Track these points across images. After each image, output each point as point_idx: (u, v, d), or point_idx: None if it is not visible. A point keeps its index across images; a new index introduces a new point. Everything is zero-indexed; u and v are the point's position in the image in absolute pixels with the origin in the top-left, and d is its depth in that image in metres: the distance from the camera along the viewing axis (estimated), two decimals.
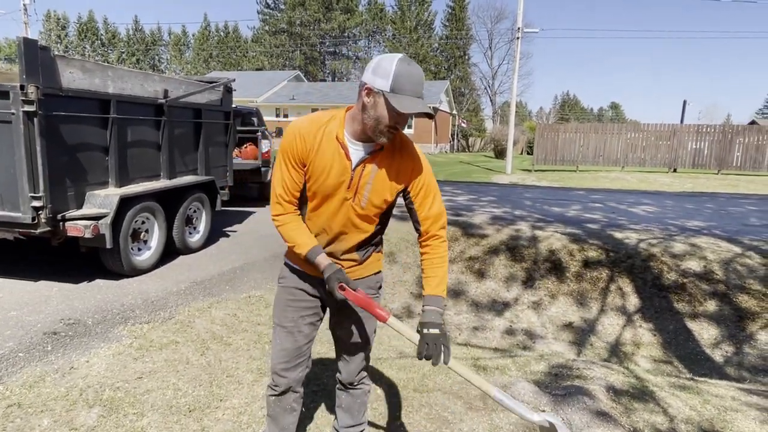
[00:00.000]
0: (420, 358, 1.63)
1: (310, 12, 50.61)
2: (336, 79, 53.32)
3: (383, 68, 1.53)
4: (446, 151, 34.31)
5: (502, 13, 60.92)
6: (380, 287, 2.02)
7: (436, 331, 1.65)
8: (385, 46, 52.98)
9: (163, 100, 4.97)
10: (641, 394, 3.03)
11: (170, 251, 5.24)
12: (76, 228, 3.91)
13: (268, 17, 53.74)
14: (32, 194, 3.68)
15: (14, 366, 2.98)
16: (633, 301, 6.03)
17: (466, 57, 49.42)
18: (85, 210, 4.10)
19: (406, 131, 29.52)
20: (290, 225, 1.75)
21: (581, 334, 5.71)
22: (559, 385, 3.10)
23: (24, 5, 23.98)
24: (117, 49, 57.35)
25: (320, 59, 55.02)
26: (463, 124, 40.46)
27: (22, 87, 3.47)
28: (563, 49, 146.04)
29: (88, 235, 3.93)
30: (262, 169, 8.75)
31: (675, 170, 18.84)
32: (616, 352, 5.39)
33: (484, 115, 51.30)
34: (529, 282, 6.60)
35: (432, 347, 1.61)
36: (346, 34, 53.86)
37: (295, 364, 1.91)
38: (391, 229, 7.51)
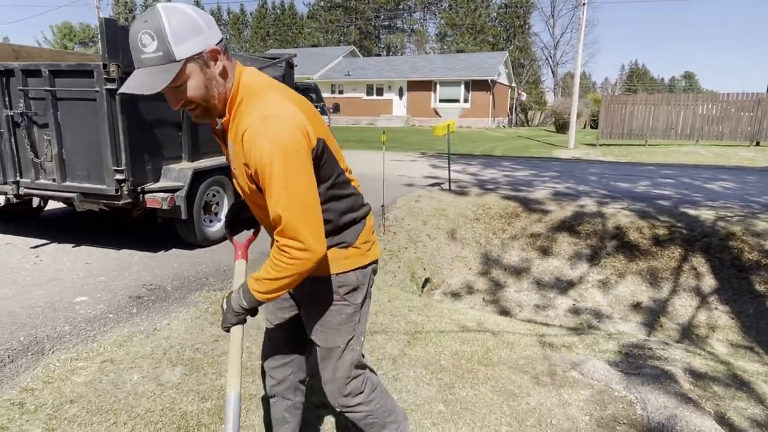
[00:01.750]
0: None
1: None
2: (391, 53, 52.75)
3: None
4: (504, 126, 33.32)
5: None
6: (348, 292, 1.56)
7: (223, 305, 1.46)
8: (441, 17, 51.65)
9: None
10: (727, 379, 2.87)
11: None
12: (155, 200, 4.15)
13: None
14: (115, 167, 3.92)
15: (105, 326, 3.23)
16: (708, 282, 5.69)
17: (527, 26, 47.30)
18: (162, 183, 4.33)
19: (462, 105, 28.88)
20: None
21: (651, 315, 5.47)
22: (631, 364, 3.00)
23: None
24: None
25: (375, 33, 54.50)
26: (522, 97, 39.04)
27: (104, 66, 3.67)
28: (632, 14, 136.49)
29: (165, 207, 4.16)
30: None
31: (758, 143, 17.36)
32: (689, 335, 5.13)
33: (544, 87, 49.19)
34: (594, 260, 6.37)
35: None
36: (401, 7, 52.90)
37: (281, 364, 1.78)
38: (449, 205, 7.45)
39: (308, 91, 9.71)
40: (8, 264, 4.21)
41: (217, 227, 5.04)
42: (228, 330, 1.47)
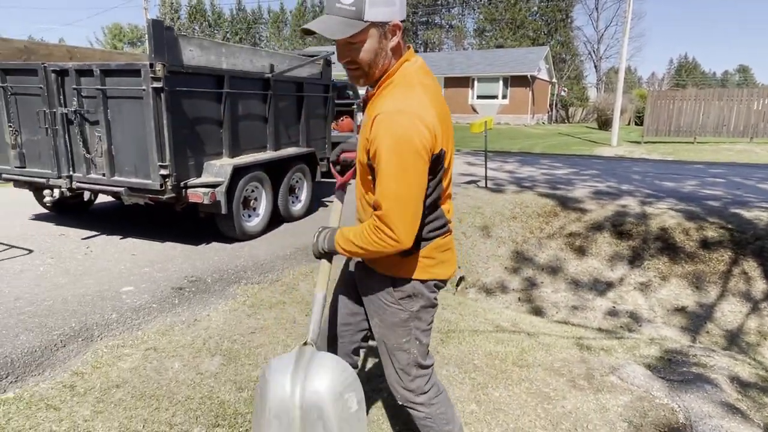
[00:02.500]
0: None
1: None
2: (428, 49, 52.44)
3: None
4: (544, 122, 32.58)
5: None
6: (403, 298, 1.55)
7: (316, 236, 1.62)
8: (479, 12, 50.90)
9: (270, 75, 5.21)
10: None
11: (275, 219, 5.56)
12: (197, 195, 4.29)
13: None
14: (160, 163, 4.07)
15: (149, 315, 3.37)
16: (760, 287, 5.41)
17: (569, 20, 46.00)
18: (204, 178, 4.47)
19: (500, 101, 28.42)
20: None
21: (696, 320, 5.25)
22: (674, 371, 2.89)
23: None
24: (222, 29, 60.91)
25: (412, 30, 54.28)
26: (563, 93, 38.05)
27: (151, 65, 3.81)
28: (682, 6, 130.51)
29: (206, 202, 4.29)
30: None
31: None
32: (737, 342, 4.90)
33: (586, 82, 47.75)
34: (636, 261, 6.17)
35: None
36: (439, 2, 52.48)
37: (337, 332, 1.80)
38: (485, 203, 7.36)
39: (345, 88, 9.77)
40: (62, 254, 4.44)
41: (255, 222, 5.16)
42: (317, 258, 1.64)
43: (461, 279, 5.90)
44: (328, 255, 1.60)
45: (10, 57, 5.02)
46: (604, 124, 26.01)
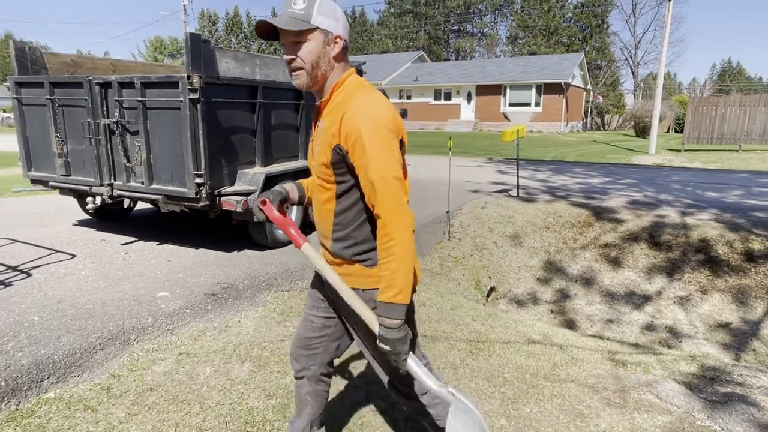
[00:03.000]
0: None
1: None
2: (460, 57, 52.33)
3: None
4: (578, 130, 31.93)
5: None
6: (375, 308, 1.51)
7: (385, 347, 1.42)
8: (512, 19, 50.51)
9: None
10: None
11: (305, 227, 5.62)
12: (230, 203, 4.38)
13: None
14: (195, 172, 4.18)
15: (183, 320, 3.45)
16: None
17: (605, 26, 45.09)
18: (237, 187, 4.57)
19: (533, 109, 28.04)
20: None
21: (740, 337, 5.01)
22: (716, 391, 2.76)
23: (184, 6, 27.14)
24: (257, 41, 62.47)
25: (444, 38, 54.32)
26: (598, 100, 37.23)
27: (188, 77, 3.94)
28: (726, 9, 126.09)
29: (239, 209, 4.38)
30: None
31: None
32: None
33: (623, 89, 46.59)
34: (675, 274, 5.94)
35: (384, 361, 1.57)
36: (471, 11, 52.38)
37: (304, 354, 1.81)
38: (517, 213, 7.25)
39: None
40: (102, 259, 4.61)
41: None
42: (404, 361, 1.45)
43: (492, 289, 5.82)
44: (407, 321, 1.46)
45: (59, 71, 5.28)
46: (642, 131, 25.30)
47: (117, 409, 2.50)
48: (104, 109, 4.50)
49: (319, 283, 1.78)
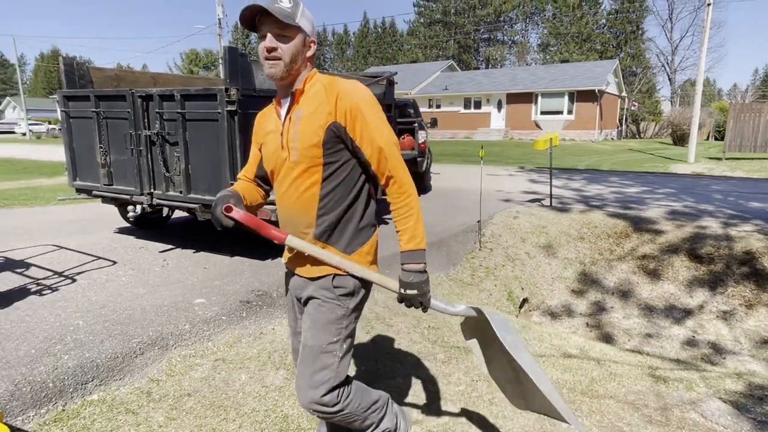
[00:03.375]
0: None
1: None
2: (490, 66, 52.06)
3: None
4: (612, 138, 31.22)
5: None
6: (345, 295, 1.63)
7: (413, 291, 1.58)
8: (544, 27, 50.00)
9: None
10: None
11: None
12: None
13: (423, 9, 54.60)
14: (232, 181, 4.28)
15: (219, 327, 3.52)
16: None
17: (640, 32, 44.12)
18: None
19: (566, 117, 27.60)
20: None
21: None
22: (766, 412, 2.63)
23: (219, 20, 27.95)
24: None
25: (474, 47, 54.18)
26: (633, 107, 36.35)
27: (226, 89, 4.05)
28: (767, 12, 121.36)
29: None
30: (418, 159, 8.97)
31: None
32: None
33: (659, 96, 45.34)
34: (718, 288, 5.72)
35: (408, 304, 1.61)
36: (501, 19, 52.13)
37: (294, 358, 1.89)
38: (550, 223, 7.13)
39: (406, 107, 9.86)
40: (141, 265, 4.76)
41: None
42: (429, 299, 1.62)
43: (524, 301, 5.73)
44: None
45: (103, 84, 5.51)
46: (680, 139, 24.55)
47: (156, 413, 2.57)
48: (145, 120, 4.67)
49: (292, 310, 1.85)
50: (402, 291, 1.58)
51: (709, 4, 16.10)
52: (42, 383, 2.67)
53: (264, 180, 1.83)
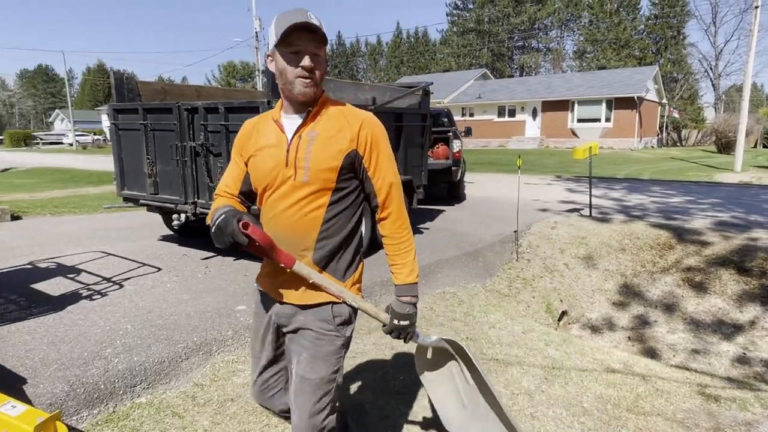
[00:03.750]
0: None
1: (499, 7, 49.84)
2: (524, 73, 51.50)
3: (271, 30, 1.47)
4: (653, 146, 30.29)
5: None
6: (343, 324, 1.60)
7: (405, 323, 1.60)
8: (580, 34, 49.19)
9: (372, 107, 5.43)
10: None
11: (373, 245, 5.70)
12: None
13: (456, 18, 54.63)
14: None
15: None
16: None
17: (681, 37, 42.81)
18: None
19: (603, 125, 26.99)
20: (212, 205, 1.62)
21: None
22: None
23: (255, 33, 28.71)
24: None
25: (508, 55, 53.75)
26: (674, 114, 35.21)
27: (268, 102, 4.16)
28: None
29: None
30: (453, 168, 8.94)
31: None
32: None
33: (702, 102, 43.76)
34: None
35: (396, 334, 1.62)
36: (536, 26, 51.58)
37: (260, 390, 1.81)
38: (590, 233, 6.97)
39: (440, 115, 9.87)
40: (185, 272, 4.91)
41: None
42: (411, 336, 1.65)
43: (563, 313, 5.60)
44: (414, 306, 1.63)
45: (150, 98, 5.74)
46: (725, 147, 23.63)
47: (201, 417, 2.64)
48: (191, 132, 4.84)
49: (261, 340, 1.74)
50: (395, 321, 1.60)
51: (756, 7, 15.51)
52: (94, 385, 2.79)
53: (247, 196, 1.68)
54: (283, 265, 1.48)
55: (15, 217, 7.99)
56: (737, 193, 10.58)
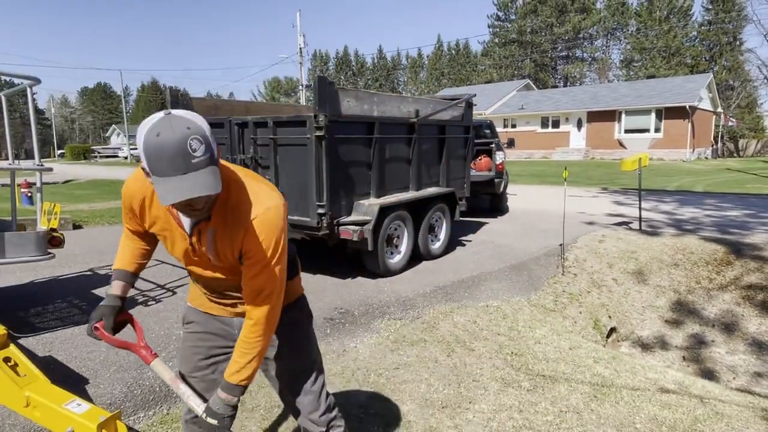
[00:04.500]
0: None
1: (542, 17, 49.17)
2: (568, 83, 50.46)
3: (138, 143, 1.22)
4: (707, 157, 28.92)
5: None
6: (305, 307, 1.81)
7: (213, 421, 1.49)
8: (627, 42, 47.82)
9: (415, 119, 5.48)
10: None
11: (415, 256, 5.71)
12: (347, 231, 4.61)
13: (498, 29, 54.28)
14: (318, 203, 4.48)
15: None
16: None
17: (737, 43, 40.88)
18: (353, 217, 4.80)
19: (653, 135, 26.05)
20: (122, 239, 1.68)
21: None
22: None
23: (300, 49, 29.53)
24: (364, 77, 65.80)
25: (551, 65, 52.87)
26: (731, 124, 33.55)
27: (315, 116, 4.28)
28: None
29: (355, 239, 4.59)
30: (496, 180, 8.85)
31: None
32: None
33: (761, 111, 41.52)
34: None
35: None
36: (581, 36, 50.53)
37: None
38: (640, 247, 6.72)
39: (482, 127, 9.81)
40: None
41: (397, 259, 5.36)
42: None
43: (612, 330, 5.41)
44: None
45: (203, 113, 5.98)
46: None
47: (250, 422, 2.71)
48: (241, 146, 5.03)
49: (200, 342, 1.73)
50: (204, 416, 1.51)
51: None
52: (150, 387, 2.92)
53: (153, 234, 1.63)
54: (144, 361, 1.57)
55: (76, 227, 8.48)
56: None
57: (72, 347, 3.38)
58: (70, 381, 2.91)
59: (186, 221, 1.43)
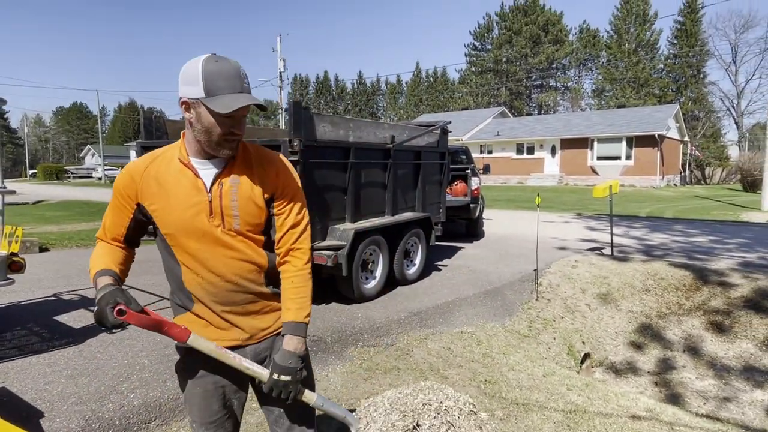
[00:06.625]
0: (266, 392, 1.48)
1: (517, 48, 50.75)
2: (543, 111, 51.87)
3: (191, 75, 1.35)
4: (675, 184, 29.87)
5: (750, 21, 51.26)
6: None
7: (287, 378, 1.43)
8: (598, 73, 49.60)
9: (391, 145, 5.52)
10: None
11: (390, 281, 5.68)
12: (321, 257, 4.56)
13: (475, 58, 55.73)
14: None
15: None
16: None
17: (701, 76, 42.80)
18: (328, 241, 4.76)
19: (624, 162, 26.84)
20: (96, 251, 1.52)
21: None
22: None
23: (280, 73, 29.73)
24: (344, 102, 66.46)
25: (526, 93, 54.35)
26: (696, 152, 34.84)
27: (290, 141, 4.27)
28: None
29: (329, 264, 4.54)
30: (471, 205, 8.94)
31: None
32: None
33: (725, 140, 43.25)
34: None
35: (278, 394, 1.44)
36: (554, 66, 52.25)
37: None
38: (612, 273, 6.83)
39: (458, 153, 9.95)
40: None
41: (372, 284, 5.32)
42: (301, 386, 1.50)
43: (586, 356, 5.44)
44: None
45: (177, 135, 5.90)
46: (751, 185, 23.19)
47: None
48: None
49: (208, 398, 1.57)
50: (275, 376, 1.45)
51: None
52: (109, 420, 2.79)
53: (131, 243, 1.57)
54: (177, 340, 1.39)
55: (43, 249, 8.21)
56: (765, 233, 10.30)
57: (28, 378, 3.22)
58: (24, 415, 2.76)
59: (206, 174, 1.44)
